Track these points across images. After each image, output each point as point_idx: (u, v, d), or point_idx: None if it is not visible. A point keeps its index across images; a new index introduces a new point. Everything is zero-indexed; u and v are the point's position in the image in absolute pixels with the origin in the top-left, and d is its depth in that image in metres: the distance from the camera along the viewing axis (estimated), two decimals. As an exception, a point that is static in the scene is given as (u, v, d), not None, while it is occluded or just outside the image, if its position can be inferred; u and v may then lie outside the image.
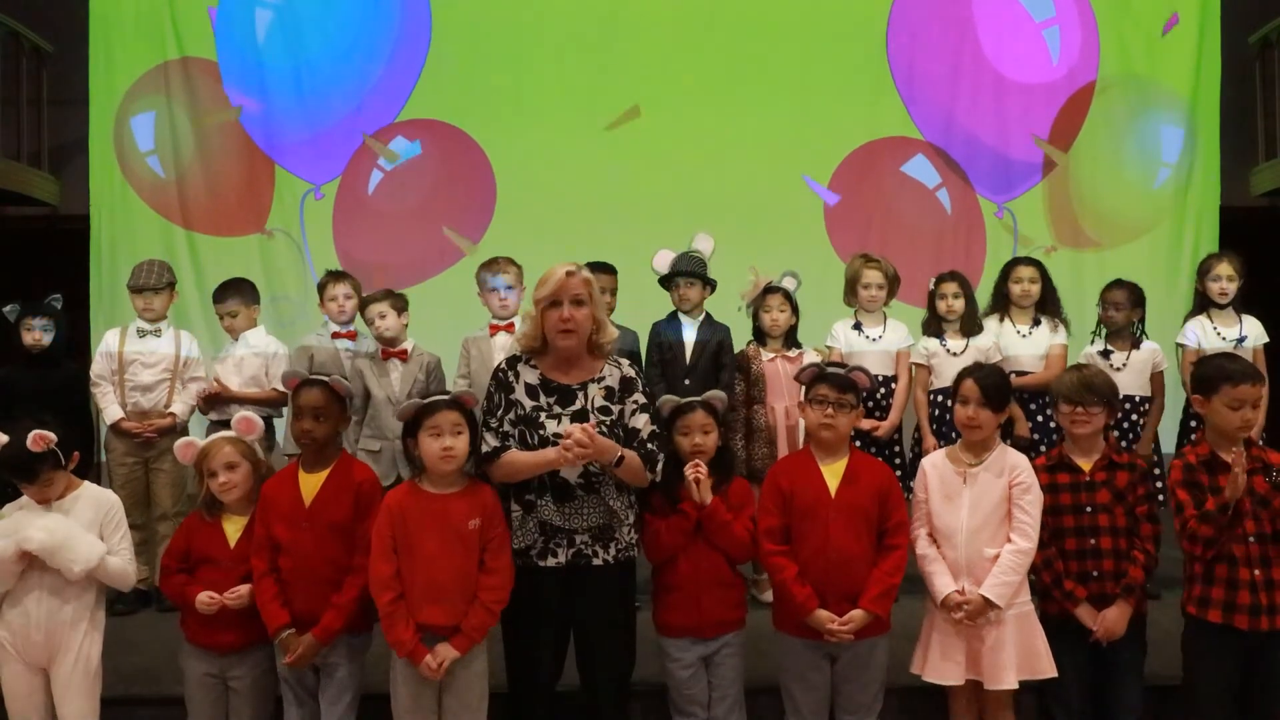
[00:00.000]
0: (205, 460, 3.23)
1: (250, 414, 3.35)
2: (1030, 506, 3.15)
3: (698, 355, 4.55)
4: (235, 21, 6.72)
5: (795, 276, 4.69)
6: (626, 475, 3.02)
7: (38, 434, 3.09)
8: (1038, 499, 3.18)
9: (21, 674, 3.15)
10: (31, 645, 3.13)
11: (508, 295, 4.47)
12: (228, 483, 3.20)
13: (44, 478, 3.13)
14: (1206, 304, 4.79)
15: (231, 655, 3.19)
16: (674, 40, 6.73)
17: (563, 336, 3.02)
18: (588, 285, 3.03)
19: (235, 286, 4.93)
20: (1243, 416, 3.07)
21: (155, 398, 4.68)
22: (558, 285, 3.00)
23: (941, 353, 4.65)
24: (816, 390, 3.21)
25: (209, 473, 3.21)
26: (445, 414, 2.99)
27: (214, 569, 3.18)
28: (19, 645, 3.13)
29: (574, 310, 3.00)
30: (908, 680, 3.31)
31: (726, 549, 3.22)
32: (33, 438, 3.08)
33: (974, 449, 3.25)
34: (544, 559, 3.03)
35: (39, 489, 3.15)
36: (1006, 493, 3.18)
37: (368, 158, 6.77)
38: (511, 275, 4.48)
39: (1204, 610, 3.09)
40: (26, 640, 3.13)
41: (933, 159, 6.81)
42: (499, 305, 4.49)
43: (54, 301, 4.79)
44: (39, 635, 3.13)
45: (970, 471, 3.22)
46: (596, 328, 3.07)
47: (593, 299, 3.04)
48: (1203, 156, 6.75)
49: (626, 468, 2.99)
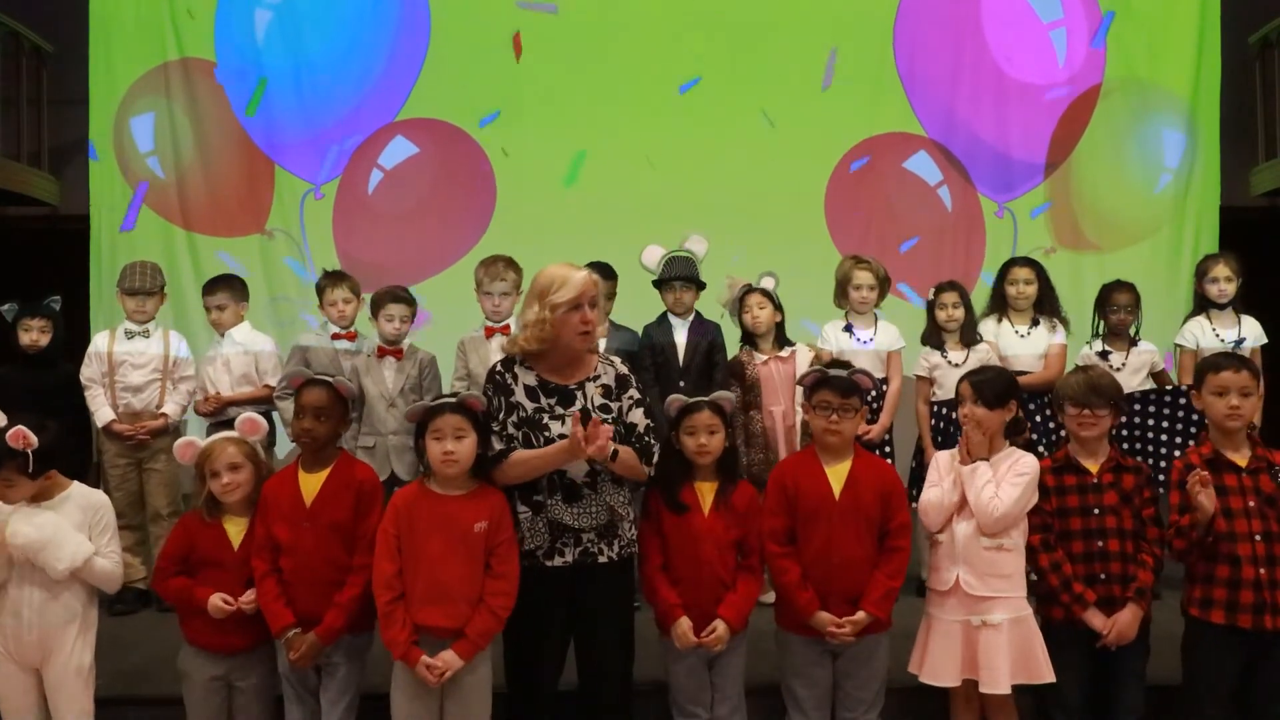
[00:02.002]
0: (207, 461, 3.20)
1: (254, 415, 3.33)
2: (1015, 486, 3.12)
3: (690, 356, 4.56)
4: (235, 22, 6.72)
5: (773, 275, 4.66)
6: (623, 470, 3.03)
7: (19, 430, 3.02)
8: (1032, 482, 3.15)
9: (14, 674, 3.13)
10: (24, 645, 3.11)
11: (502, 301, 4.47)
12: (231, 484, 3.18)
13: (3, 474, 3.03)
14: (1205, 305, 4.79)
15: (237, 657, 3.18)
16: (673, 39, 6.73)
17: (582, 339, 3.05)
18: (598, 286, 3.09)
19: (226, 282, 4.97)
20: (1228, 403, 3.07)
21: (146, 398, 4.70)
22: (582, 288, 3.01)
23: (944, 364, 4.63)
24: (820, 396, 3.20)
25: (211, 474, 3.19)
26: (448, 418, 2.98)
27: (219, 571, 3.16)
28: (11, 646, 3.12)
29: (593, 313, 3.04)
30: (910, 680, 3.31)
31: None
32: (13, 433, 3.02)
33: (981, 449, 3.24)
34: (551, 559, 3.03)
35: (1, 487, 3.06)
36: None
37: (368, 158, 6.77)
38: (509, 281, 4.48)
39: (1206, 611, 3.08)
40: (19, 641, 3.11)
41: (935, 156, 6.81)
42: (492, 308, 4.49)
43: (52, 303, 4.80)
44: (31, 635, 3.11)
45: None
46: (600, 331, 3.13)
47: (600, 299, 3.11)
48: (1203, 158, 6.76)
49: (622, 462, 3.00)
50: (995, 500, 3.12)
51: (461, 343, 4.55)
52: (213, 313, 4.89)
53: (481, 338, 4.51)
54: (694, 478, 3.24)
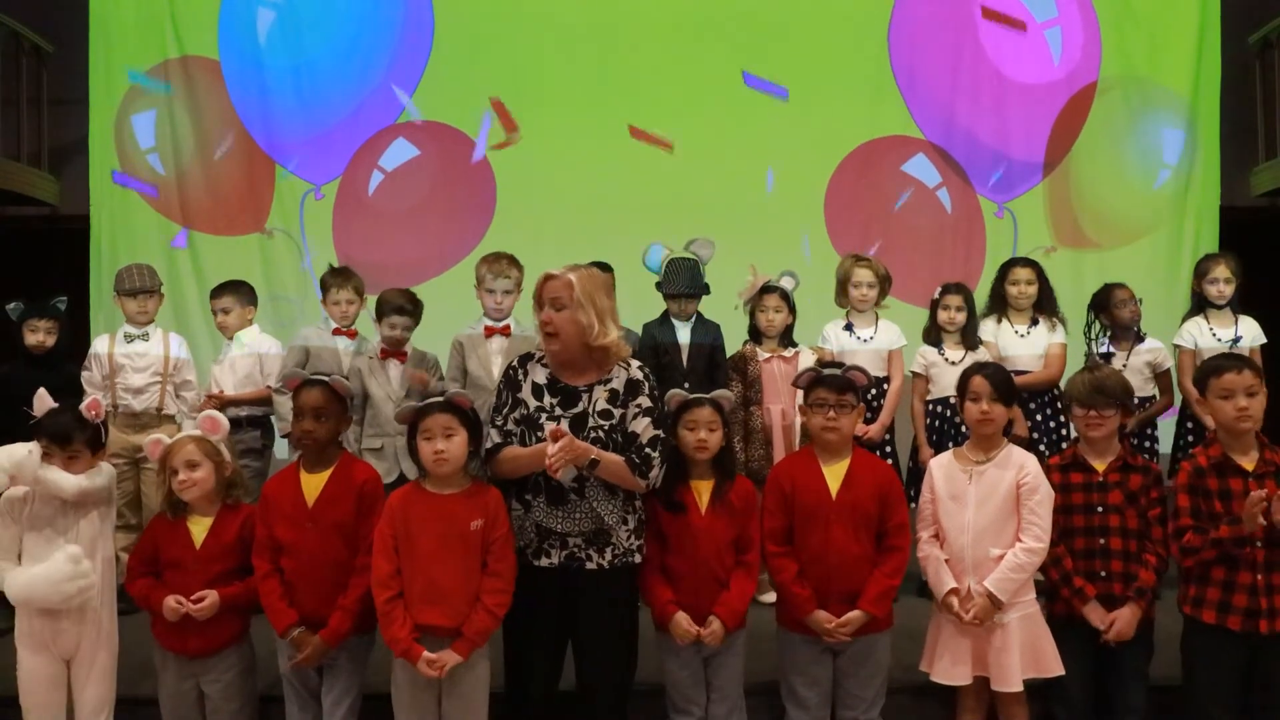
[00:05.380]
0: (168, 458, 3.21)
1: (215, 413, 3.34)
2: (1039, 507, 3.15)
3: (694, 357, 4.56)
4: (237, 21, 6.72)
5: (793, 276, 4.68)
6: (608, 477, 2.99)
7: (95, 400, 3.26)
8: (1047, 498, 3.16)
9: (43, 667, 3.17)
10: (60, 634, 3.15)
11: (504, 299, 4.46)
12: (186, 481, 3.17)
13: (74, 447, 3.16)
14: (1204, 305, 4.80)
15: (201, 660, 3.18)
16: (675, 40, 6.72)
17: (546, 340, 3.02)
18: (569, 288, 2.97)
19: (234, 286, 4.99)
20: (1235, 405, 3.04)
21: (146, 400, 4.70)
22: (536, 289, 3.01)
23: (940, 362, 4.63)
24: (815, 394, 3.21)
25: (170, 470, 3.20)
26: (436, 417, 2.99)
27: (180, 572, 3.16)
28: (48, 636, 3.15)
29: (551, 313, 2.98)
30: (913, 679, 3.31)
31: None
32: (90, 402, 3.23)
33: (982, 446, 3.25)
34: (538, 559, 3.03)
35: (64, 458, 3.16)
36: (1013, 490, 3.17)
37: (368, 159, 6.77)
38: (513, 279, 4.47)
39: (1198, 610, 3.09)
40: (55, 630, 3.15)
41: (933, 158, 6.81)
42: (493, 306, 4.47)
43: (59, 303, 4.82)
44: (68, 623, 3.15)
45: (977, 470, 3.22)
46: (589, 332, 2.99)
47: (576, 302, 2.97)
48: (1203, 157, 6.75)
49: (606, 470, 2.96)
50: (1035, 551, 3.11)
51: (458, 341, 4.51)
52: (218, 315, 4.91)
53: (481, 336, 4.49)
54: (690, 476, 3.24)
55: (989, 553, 3.15)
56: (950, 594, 3.15)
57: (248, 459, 4.54)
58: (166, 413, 4.72)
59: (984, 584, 3.11)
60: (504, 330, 4.46)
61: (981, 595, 3.11)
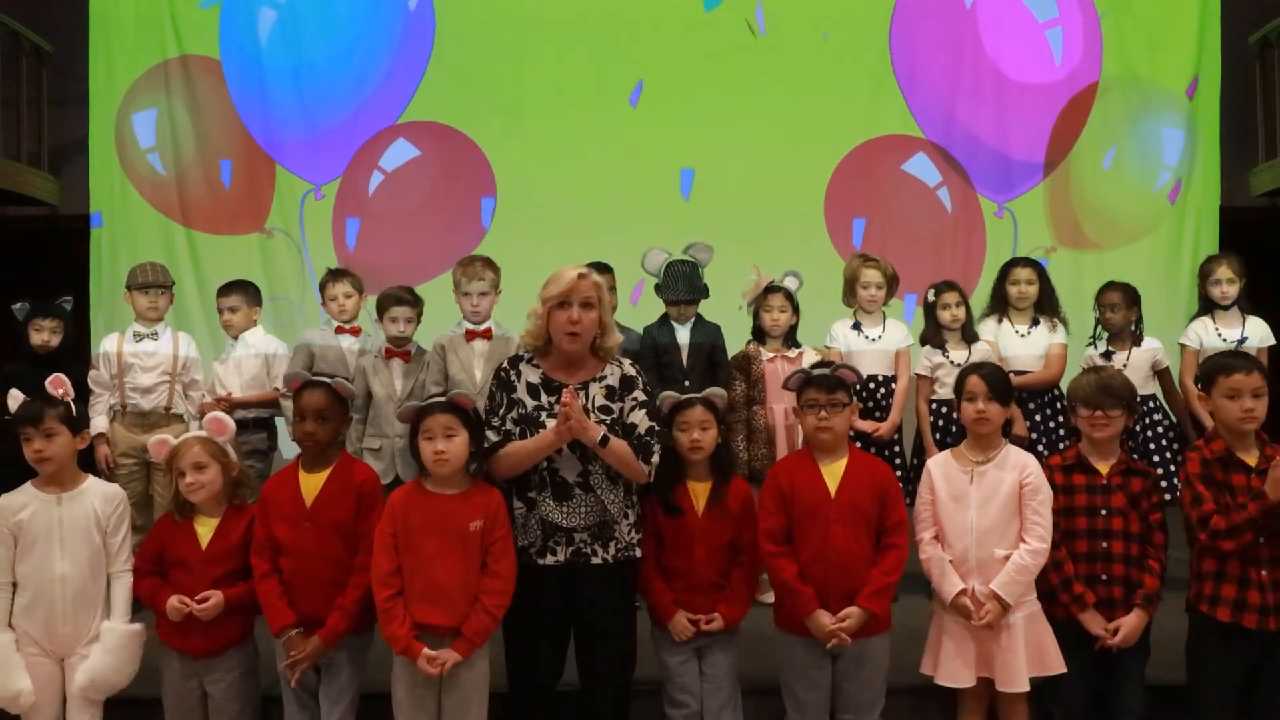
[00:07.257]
0: (175, 459, 3.21)
1: (221, 415, 3.34)
2: (1041, 508, 3.14)
3: (694, 357, 4.56)
4: (238, 21, 6.72)
5: (797, 276, 4.69)
6: (615, 462, 3.01)
7: (58, 376, 3.22)
8: (1048, 499, 3.16)
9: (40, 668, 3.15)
10: (56, 636, 3.15)
11: (480, 301, 4.43)
12: (194, 483, 3.17)
13: (48, 424, 3.11)
14: (1210, 306, 4.80)
15: (205, 660, 3.18)
16: (674, 40, 6.73)
17: (569, 339, 3.02)
18: (598, 289, 3.03)
19: (241, 285, 5.00)
20: (1241, 406, 3.03)
21: (155, 399, 4.70)
22: (568, 287, 2.99)
23: (946, 364, 4.62)
24: (807, 395, 3.21)
25: (178, 472, 3.20)
26: (437, 417, 2.99)
27: (185, 571, 3.16)
28: (42, 635, 3.14)
29: (583, 313, 3.00)
30: (914, 680, 3.31)
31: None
32: (53, 379, 3.20)
33: (981, 446, 3.25)
34: (543, 557, 3.03)
35: (41, 440, 3.12)
36: (1015, 490, 3.17)
37: (369, 159, 6.77)
38: (488, 280, 4.43)
39: (1214, 608, 3.06)
40: (51, 631, 3.15)
41: (934, 157, 6.81)
42: (471, 309, 4.44)
43: (64, 303, 4.84)
44: (66, 626, 3.15)
45: (977, 470, 3.21)
46: (601, 331, 3.07)
47: (600, 303, 3.04)
48: (1203, 157, 6.76)
49: (613, 453, 2.98)
50: (1039, 551, 3.11)
51: (439, 345, 4.45)
52: (224, 314, 4.92)
53: (462, 339, 4.43)
54: (687, 477, 3.25)
55: (994, 554, 3.14)
56: (961, 595, 3.15)
57: (252, 460, 4.53)
58: (175, 412, 4.72)
59: (991, 587, 3.11)
60: (485, 333, 4.42)
61: (990, 598, 3.11)
